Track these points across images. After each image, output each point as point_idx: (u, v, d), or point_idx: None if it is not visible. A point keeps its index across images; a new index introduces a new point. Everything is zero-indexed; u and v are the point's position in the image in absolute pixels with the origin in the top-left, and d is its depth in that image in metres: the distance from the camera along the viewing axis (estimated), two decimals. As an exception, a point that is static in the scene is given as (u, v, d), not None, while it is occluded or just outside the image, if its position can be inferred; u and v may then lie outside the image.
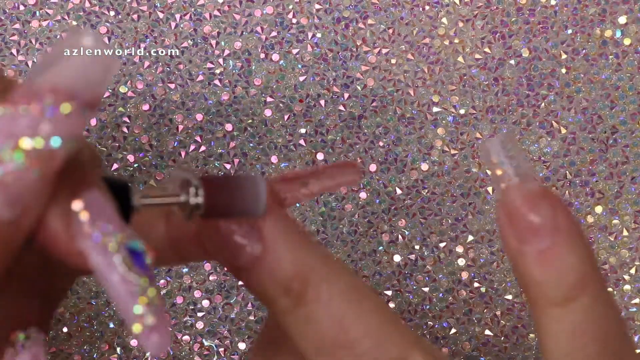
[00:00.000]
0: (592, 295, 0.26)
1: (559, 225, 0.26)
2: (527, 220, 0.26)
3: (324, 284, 0.26)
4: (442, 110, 0.44)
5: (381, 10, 0.44)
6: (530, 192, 0.26)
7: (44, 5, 0.43)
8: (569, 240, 0.26)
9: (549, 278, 0.26)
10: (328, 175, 0.29)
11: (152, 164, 0.43)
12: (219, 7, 0.44)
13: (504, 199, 0.26)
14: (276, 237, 0.26)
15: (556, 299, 0.26)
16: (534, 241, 0.26)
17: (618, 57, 0.44)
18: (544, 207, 0.26)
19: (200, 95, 0.43)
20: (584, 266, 0.26)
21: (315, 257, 0.26)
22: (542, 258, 0.26)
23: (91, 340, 0.43)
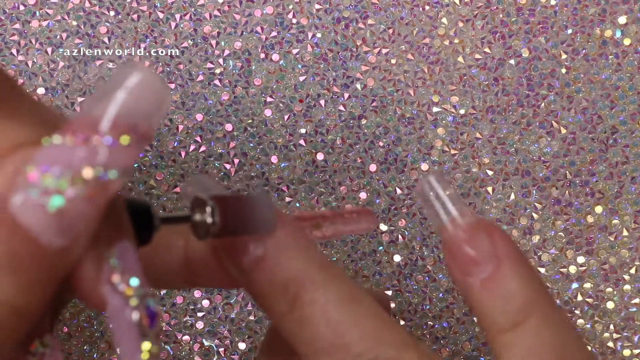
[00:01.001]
0: (540, 317, 0.27)
1: (498, 254, 0.27)
2: (466, 253, 0.27)
3: (320, 289, 0.26)
4: (442, 110, 0.44)
5: (381, 10, 0.44)
6: (467, 225, 0.27)
7: (44, 5, 0.43)
8: (510, 266, 0.27)
9: (494, 305, 0.26)
10: (343, 221, 0.30)
11: (152, 164, 0.43)
12: (219, 7, 0.44)
13: (444, 236, 0.28)
14: (278, 240, 0.26)
15: (505, 324, 0.26)
16: (476, 272, 0.27)
17: (618, 57, 0.44)
18: (482, 238, 0.27)
19: (200, 95, 0.43)
20: (528, 290, 0.27)
21: (314, 262, 0.26)
22: (486, 287, 0.26)
23: (91, 340, 0.43)
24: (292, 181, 0.43)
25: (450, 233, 0.27)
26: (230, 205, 0.26)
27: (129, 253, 0.23)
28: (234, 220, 0.26)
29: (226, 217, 0.26)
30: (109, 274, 0.23)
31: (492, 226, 0.27)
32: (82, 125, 0.22)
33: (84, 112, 0.22)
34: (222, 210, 0.26)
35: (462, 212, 0.27)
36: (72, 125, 0.22)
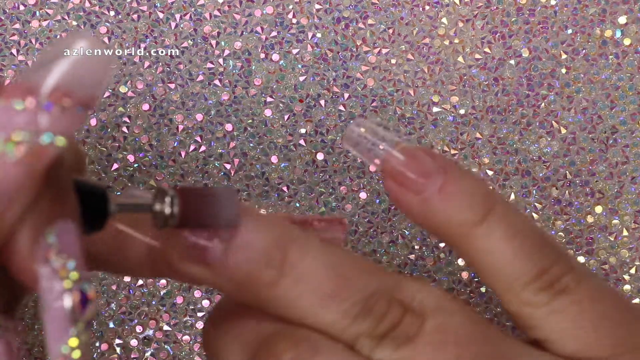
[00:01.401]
0: (502, 204, 0.28)
1: (442, 165, 0.28)
2: (412, 172, 0.28)
3: (303, 242, 0.26)
4: (442, 110, 0.44)
5: (381, 10, 0.44)
6: (403, 151, 0.28)
7: (44, 5, 0.43)
8: (456, 171, 0.28)
9: (459, 204, 0.27)
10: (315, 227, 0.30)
11: (152, 164, 0.43)
12: (219, 7, 0.44)
13: (386, 170, 0.28)
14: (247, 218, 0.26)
15: (475, 217, 0.27)
16: (429, 184, 0.27)
17: (618, 57, 0.44)
18: (422, 156, 0.28)
19: (200, 95, 0.43)
20: (482, 185, 0.28)
21: (289, 226, 0.27)
22: (444, 192, 0.27)
23: (91, 340, 0.43)
24: (292, 181, 0.43)
25: (393, 163, 0.28)
26: (191, 198, 0.25)
27: (70, 234, 0.23)
28: (194, 213, 0.25)
29: (186, 209, 0.25)
30: (45, 252, 0.22)
31: (426, 148, 0.29)
32: (19, 89, 0.21)
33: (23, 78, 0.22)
34: (183, 202, 0.25)
35: (395, 142, 0.28)
36: (7, 89, 0.21)
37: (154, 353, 0.43)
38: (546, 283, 0.27)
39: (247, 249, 0.26)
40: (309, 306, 0.26)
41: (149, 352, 0.43)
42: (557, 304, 0.27)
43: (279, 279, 0.26)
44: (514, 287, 0.27)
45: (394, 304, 0.26)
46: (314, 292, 0.26)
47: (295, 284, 0.26)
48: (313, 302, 0.26)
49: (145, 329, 0.43)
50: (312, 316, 0.26)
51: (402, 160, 0.28)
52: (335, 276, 0.26)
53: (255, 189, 0.43)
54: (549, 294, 0.27)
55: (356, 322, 0.26)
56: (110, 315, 0.43)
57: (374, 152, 0.29)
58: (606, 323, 0.28)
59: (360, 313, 0.26)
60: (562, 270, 0.28)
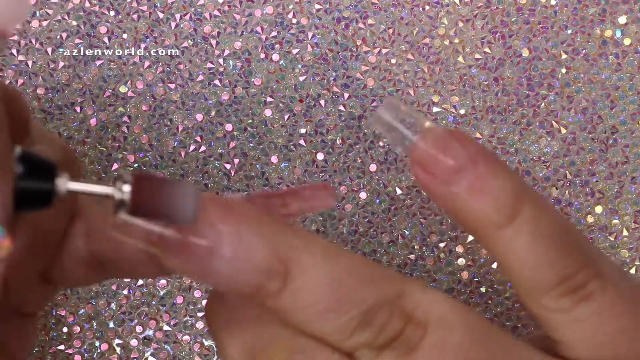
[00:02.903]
0: (532, 205, 0.26)
1: (473, 157, 0.26)
2: (444, 163, 0.26)
3: (304, 254, 0.25)
4: (442, 110, 0.44)
5: (381, 10, 0.44)
6: (434, 137, 0.27)
7: (44, 5, 0.43)
8: (487, 165, 0.26)
9: (486, 205, 0.26)
10: (303, 196, 0.29)
11: (152, 164, 0.43)
12: (219, 7, 0.44)
13: (415, 156, 0.27)
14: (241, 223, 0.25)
15: (501, 220, 0.26)
16: (458, 178, 0.26)
17: (618, 57, 0.44)
18: (454, 145, 0.26)
19: (200, 95, 0.43)
20: (513, 182, 0.26)
21: (287, 231, 0.26)
22: (472, 190, 0.26)
23: (91, 340, 0.43)
24: (292, 181, 0.43)
25: (422, 150, 0.27)
26: (147, 185, 0.25)
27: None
28: (148, 201, 0.25)
29: (140, 196, 0.24)
30: None
31: (459, 132, 0.27)
32: None
33: None
34: (137, 189, 0.24)
35: (427, 127, 0.27)
36: None
37: (154, 353, 0.43)
38: (569, 289, 0.26)
39: (247, 261, 0.25)
40: (308, 318, 0.26)
41: (149, 352, 0.43)
42: (578, 313, 0.27)
43: (281, 290, 0.25)
44: (536, 292, 0.27)
45: (395, 313, 0.26)
46: (313, 305, 0.25)
47: (295, 297, 0.25)
48: (312, 315, 0.26)
49: (145, 329, 0.43)
50: (311, 327, 0.26)
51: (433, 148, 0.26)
52: (335, 289, 0.25)
53: (255, 189, 0.43)
54: (571, 301, 0.26)
55: (356, 333, 0.26)
56: (110, 315, 0.43)
57: (403, 136, 0.27)
58: (625, 338, 0.27)
59: (359, 325, 0.26)
60: (587, 276, 0.27)
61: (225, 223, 0.25)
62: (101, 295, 0.43)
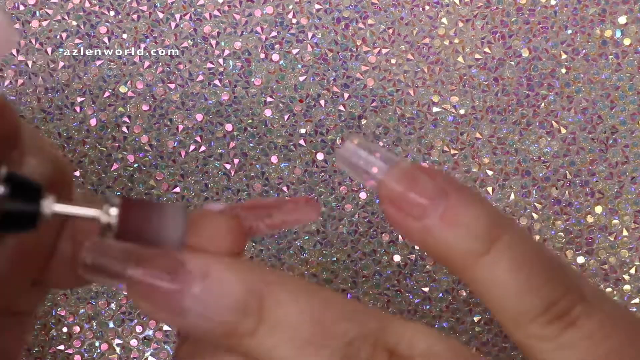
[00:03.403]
0: (510, 231, 0.26)
1: (444, 188, 0.26)
2: (414, 197, 0.26)
3: (279, 288, 0.25)
4: (442, 110, 0.44)
5: (381, 10, 0.44)
6: (401, 172, 0.26)
7: (44, 5, 0.43)
8: (459, 195, 0.26)
9: (462, 234, 0.26)
10: (286, 209, 0.28)
11: (152, 164, 0.43)
12: (219, 7, 0.44)
13: (383, 193, 0.26)
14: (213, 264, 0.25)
15: (479, 248, 0.26)
16: (430, 211, 0.26)
17: (618, 57, 0.44)
18: (421, 178, 0.26)
19: (200, 95, 0.43)
20: (488, 210, 0.26)
21: (258, 267, 0.25)
22: (446, 220, 0.25)
23: (91, 340, 0.43)
24: (292, 181, 0.43)
25: (391, 186, 0.26)
26: (134, 209, 0.24)
27: None
28: (135, 225, 0.24)
29: (126, 220, 0.24)
30: None
31: (426, 167, 0.26)
32: None
33: None
34: (124, 212, 0.24)
35: (393, 163, 0.26)
36: None
37: (154, 353, 0.43)
38: (555, 316, 0.26)
39: (221, 299, 0.24)
40: (287, 355, 0.25)
41: (149, 352, 0.43)
42: (566, 339, 0.26)
43: (257, 328, 0.24)
44: (521, 320, 0.26)
45: (378, 349, 0.25)
46: (292, 340, 0.24)
47: (272, 333, 0.24)
48: (291, 352, 0.24)
49: (145, 329, 0.43)
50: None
51: (401, 183, 0.26)
52: (314, 323, 0.24)
53: (255, 189, 0.43)
54: (558, 327, 0.26)
55: None
56: (110, 315, 0.43)
57: (369, 173, 0.26)
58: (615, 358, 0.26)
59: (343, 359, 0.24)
60: (572, 301, 0.26)
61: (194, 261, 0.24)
62: (101, 295, 0.43)
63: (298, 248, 0.43)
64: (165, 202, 0.24)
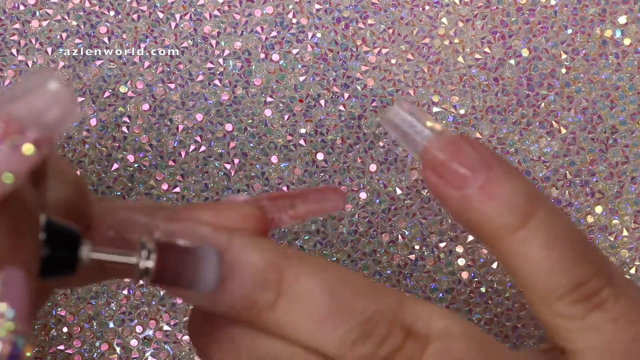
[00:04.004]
0: (546, 208, 0.26)
1: (486, 160, 0.26)
2: (456, 167, 0.26)
3: (297, 261, 0.25)
4: (442, 110, 0.44)
5: (381, 10, 0.44)
6: (446, 141, 0.27)
7: (44, 5, 0.43)
8: (500, 168, 0.26)
9: (500, 207, 0.26)
10: (312, 199, 0.29)
11: (152, 164, 0.43)
12: (219, 7, 0.44)
13: (426, 160, 0.27)
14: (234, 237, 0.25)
15: (515, 222, 0.26)
16: (471, 181, 0.26)
17: (618, 57, 0.44)
18: (466, 149, 0.26)
19: (200, 95, 0.43)
20: (527, 186, 0.26)
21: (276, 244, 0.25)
22: (486, 193, 0.26)
23: (91, 340, 0.43)
24: (292, 181, 0.43)
25: (434, 154, 0.26)
26: (170, 255, 0.24)
27: (17, 282, 0.21)
28: (171, 271, 0.24)
29: (163, 266, 0.24)
30: None
31: (469, 138, 0.27)
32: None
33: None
34: (160, 258, 0.24)
35: (438, 131, 0.27)
36: None
37: (154, 353, 0.43)
38: (583, 296, 0.26)
39: (241, 272, 0.25)
40: (306, 329, 0.25)
41: (149, 352, 0.43)
42: (592, 320, 0.26)
43: (276, 301, 0.25)
44: (549, 297, 0.26)
45: (395, 326, 0.25)
46: (310, 315, 0.25)
47: (291, 306, 0.25)
48: (310, 326, 0.25)
49: (145, 329, 0.43)
50: (310, 339, 0.25)
51: (445, 151, 0.26)
52: (332, 298, 0.25)
53: (255, 189, 0.43)
54: (585, 307, 0.26)
55: (355, 346, 0.25)
56: (110, 315, 0.43)
57: (415, 138, 0.27)
58: (637, 345, 0.26)
59: (359, 337, 0.25)
60: (601, 283, 0.26)
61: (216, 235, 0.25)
62: (101, 295, 0.43)
63: (298, 248, 0.43)
64: (199, 247, 0.25)
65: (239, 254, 0.25)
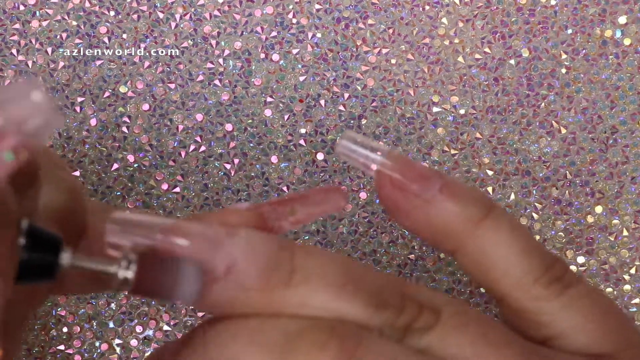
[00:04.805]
0: (497, 204, 0.28)
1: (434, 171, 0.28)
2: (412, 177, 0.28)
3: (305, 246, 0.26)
4: (442, 110, 0.44)
5: (381, 10, 0.44)
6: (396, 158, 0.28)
7: (44, 5, 0.43)
8: (450, 177, 0.29)
9: (463, 200, 0.28)
10: (313, 201, 0.29)
11: (152, 164, 0.43)
12: (219, 7, 0.44)
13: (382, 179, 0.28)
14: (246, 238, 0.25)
15: (480, 213, 0.27)
16: (429, 185, 0.28)
17: (618, 57, 0.44)
18: (414, 162, 0.28)
19: (200, 95, 0.43)
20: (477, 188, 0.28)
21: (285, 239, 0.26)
22: (446, 192, 0.28)
23: (91, 340, 0.43)
24: (292, 181, 0.43)
25: (389, 171, 0.28)
26: (150, 265, 0.24)
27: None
28: (150, 282, 0.24)
29: (144, 276, 0.24)
30: None
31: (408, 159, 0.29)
32: None
33: None
34: (140, 269, 0.24)
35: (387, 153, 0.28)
36: None
37: (154, 353, 0.43)
38: (554, 277, 0.27)
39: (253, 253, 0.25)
40: (327, 300, 0.25)
41: (149, 352, 0.43)
42: (568, 298, 0.27)
43: (292, 277, 0.25)
44: (525, 281, 0.27)
45: (408, 298, 0.26)
46: (329, 285, 0.25)
47: (307, 281, 0.25)
48: (330, 295, 0.25)
49: (145, 329, 0.43)
50: (332, 308, 0.25)
51: (399, 166, 0.28)
52: (345, 270, 0.25)
53: (255, 189, 0.43)
54: (559, 287, 0.27)
55: (378, 312, 0.25)
56: (110, 315, 0.43)
57: (367, 164, 0.29)
58: (611, 317, 0.28)
59: (379, 304, 0.25)
60: (563, 267, 0.28)
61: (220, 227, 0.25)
62: (101, 295, 0.43)
63: (298, 248, 0.43)
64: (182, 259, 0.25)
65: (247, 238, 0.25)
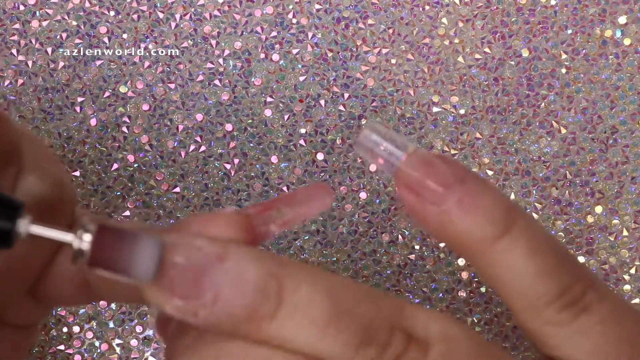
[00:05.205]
0: (523, 217, 0.26)
1: (460, 175, 0.26)
2: (431, 184, 0.26)
3: (296, 271, 0.25)
4: (442, 110, 0.44)
5: (381, 10, 0.44)
6: (419, 158, 0.27)
7: (44, 5, 0.43)
8: (476, 183, 0.26)
9: (480, 218, 0.26)
10: (299, 200, 0.28)
11: (152, 164, 0.43)
12: (219, 7, 0.44)
13: (401, 180, 0.27)
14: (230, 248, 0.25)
15: (497, 232, 0.26)
16: (448, 196, 0.26)
17: (618, 57, 0.44)
18: (439, 166, 0.26)
19: (200, 95, 0.43)
20: (503, 197, 0.26)
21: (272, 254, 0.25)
22: (464, 206, 0.26)
23: (91, 340, 0.43)
24: (292, 181, 0.43)
25: (408, 172, 0.27)
26: (108, 238, 0.24)
27: None
28: (107, 254, 0.24)
29: (99, 248, 0.24)
30: None
31: (442, 155, 0.27)
32: None
33: None
34: (97, 240, 0.24)
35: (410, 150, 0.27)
36: None
37: (154, 353, 0.43)
38: (569, 301, 0.26)
39: (241, 281, 0.24)
40: (309, 336, 0.24)
41: (149, 352, 0.43)
42: (580, 324, 0.26)
43: (277, 311, 0.24)
44: (536, 305, 0.26)
45: (397, 332, 0.25)
46: (313, 322, 0.24)
47: (293, 315, 0.24)
48: (312, 332, 0.24)
49: (145, 329, 0.43)
50: (313, 346, 0.24)
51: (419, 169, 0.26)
52: (333, 304, 0.24)
53: (255, 189, 0.43)
54: (572, 313, 0.26)
55: (359, 352, 0.24)
56: (110, 315, 0.43)
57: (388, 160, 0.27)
58: (626, 346, 0.27)
59: (362, 342, 0.24)
60: (584, 287, 0.26)
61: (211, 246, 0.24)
62: (101, 295, 0.43)
63: (298, 248, 0.43)
64: (143, 234, 0.24)
65: (237, 263, 0.24)
